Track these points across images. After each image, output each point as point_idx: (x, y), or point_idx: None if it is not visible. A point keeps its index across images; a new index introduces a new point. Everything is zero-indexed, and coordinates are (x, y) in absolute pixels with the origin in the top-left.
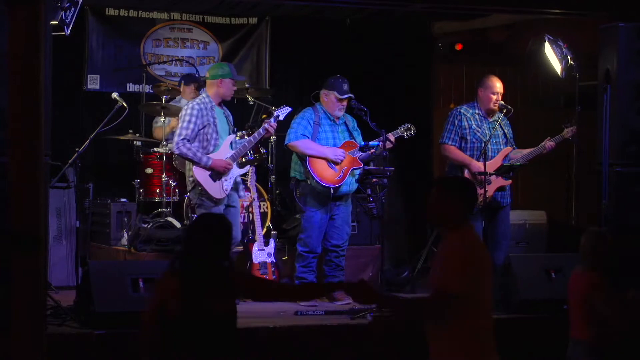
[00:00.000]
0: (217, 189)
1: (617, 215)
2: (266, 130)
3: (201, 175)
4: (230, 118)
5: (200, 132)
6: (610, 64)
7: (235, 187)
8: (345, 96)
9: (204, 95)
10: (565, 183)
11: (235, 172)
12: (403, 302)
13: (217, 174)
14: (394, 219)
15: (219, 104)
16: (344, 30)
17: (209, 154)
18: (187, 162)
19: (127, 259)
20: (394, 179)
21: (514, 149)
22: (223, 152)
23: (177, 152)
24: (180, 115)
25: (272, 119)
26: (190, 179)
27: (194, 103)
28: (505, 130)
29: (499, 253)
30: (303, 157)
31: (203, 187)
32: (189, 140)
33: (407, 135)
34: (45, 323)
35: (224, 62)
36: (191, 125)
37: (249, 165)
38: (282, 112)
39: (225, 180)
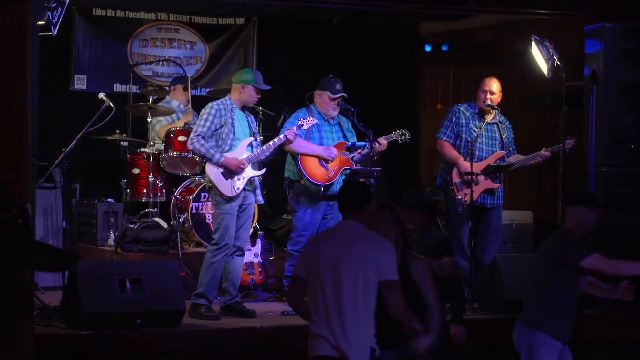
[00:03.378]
0: (228, 187)
1: (603, 215)
2: (286, 137)
3: (213, 172)
4: (254, 124)
5: (216, 132)
6: (597, 65)
7: (252, 189)
8: (338, 95)
9: (226, 98)
10: (552, 183)
11: (249, 173)
12: None
13: (229, 172)
14: None
15: (242, 108)
16: (331, 30)
17: (223, 152)
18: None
19: (114, 260)
20: (381, 179)
21: (508, 153)
22: (239, 153)
23: (190, 147)
24: (200, 113)
25: (295, 127)
26: (207, 178)
27: (214, 103)
28: (504, 135)
29: (487, 254)
30: (296, 156)
31: (214, 183)
32: (203, 137)
33: (401, 140)
34: (32, 324)
35: (251, 69)
36: (207, 124)
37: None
38: (307, 122)
39: (238, 179)
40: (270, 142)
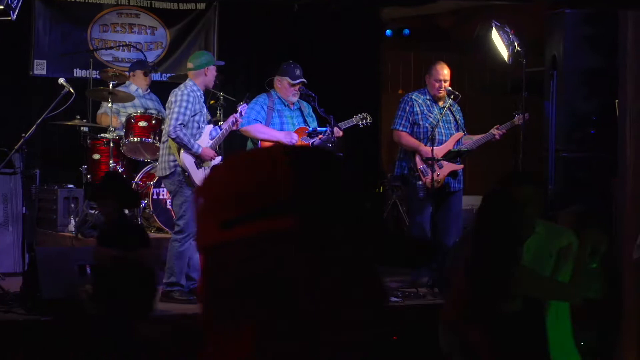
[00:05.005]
0: (201, 177)
1: (563, 201)
2: (234, 123)
3: (188, 161)
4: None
5: (190, 119)
6: (557, 50)
7: None
8: (298, 81)
9: (191, 83)
10: (512, 168)
11: (212, 162)
12: None
13: (200, 161)
14: None
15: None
16: (292, 16)
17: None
18: (164, 147)
19: (74, 245)
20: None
21: (464, 135)
22: (204, 140)
23: (173, 135)
24: (171, 100)
25: (237, 114)
26: (172, 163)
27: (186, 90)
28: (457, 117)
29: (449, 238)
30: (256, 142)
31: (190, 173)
32: (184, 126)
33: (362, 124)
34: None
35: (203, 51)
36: (187, 112)
37: None
38: (243, 108)
39: (206, 168)
40: (223, 130)
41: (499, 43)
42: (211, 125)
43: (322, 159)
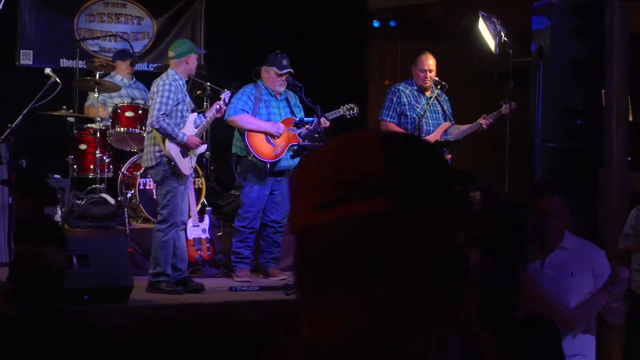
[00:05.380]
0: (187, 166)
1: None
2: (218, 110)
3: (174, 150)
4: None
5: (174, 109)
6: (544, 41)
7: None
8: (285, 71)
9: (172, 72)
10: (499, 159)
11: (198, 150)
12: None
13: (186, 150)
14: None
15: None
16: (279, 6)
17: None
18: (149, 138)
19: None
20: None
21: (452, 124)
22: (189, 129)
23: (157, 126)
24: (153, 91)
25: (221, 101)
26: (157, 154)
27: (169, 80)
28: (445, 107)
29: None
30: (242, 132)
31: (176, 162)
32: (167, 115)
33: (349, 114)
34: None
35: (183, 39)
36: (170, 101)
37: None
38: (227, 96)
39: (191, 157)
40: (207, 118)
41: (486, 33)
42: (195, 114)
43: (414, 143)
